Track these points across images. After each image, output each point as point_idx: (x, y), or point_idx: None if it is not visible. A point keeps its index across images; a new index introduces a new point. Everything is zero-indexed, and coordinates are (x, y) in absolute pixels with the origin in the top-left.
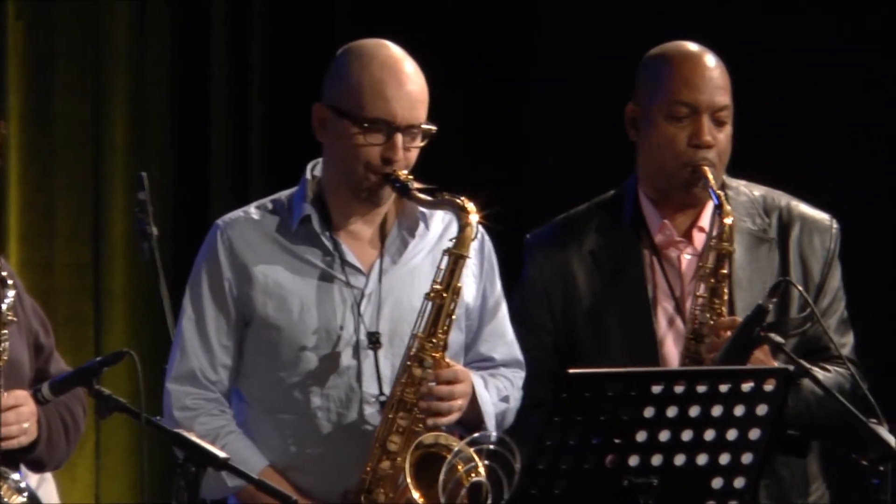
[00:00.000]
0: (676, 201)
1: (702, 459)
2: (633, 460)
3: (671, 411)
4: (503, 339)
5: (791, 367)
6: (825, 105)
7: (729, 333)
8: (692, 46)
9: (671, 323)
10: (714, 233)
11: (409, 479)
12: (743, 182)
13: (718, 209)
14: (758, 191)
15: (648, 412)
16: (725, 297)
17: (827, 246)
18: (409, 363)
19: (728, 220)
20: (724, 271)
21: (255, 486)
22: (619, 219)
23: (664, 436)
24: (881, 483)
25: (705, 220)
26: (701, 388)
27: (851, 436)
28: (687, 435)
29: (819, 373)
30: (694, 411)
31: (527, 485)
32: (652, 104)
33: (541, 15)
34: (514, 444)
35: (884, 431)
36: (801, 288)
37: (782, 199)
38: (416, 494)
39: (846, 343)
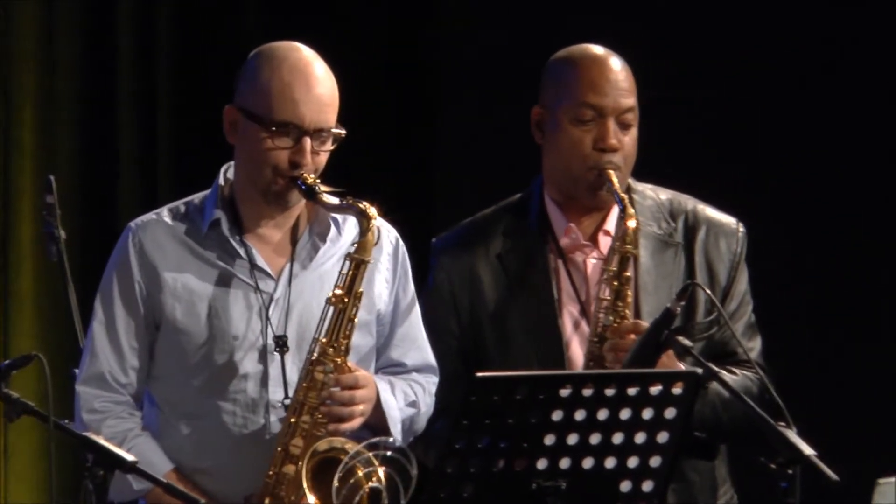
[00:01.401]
0: (582, 205)
1: (610, 463)
2: (542, 464)
3: (579, 415)
4: (415, 344)
5: (699, 371)
6: (732, 108)
7: (632, 336)
8: (597, 49)
9: (577, 326)
10: (618, 236)
11: (305, 484)
12: (649, 186)
13: (622, 212)
14: (664, 195)
15: (557, 415)
16: (629, 300)
17: (733, 249)
18: (310, 367)
19: (631, 224)
20: (628, 274)
21: (162, 488)
22: (525, 222)
23: (572, 439)
24: (789, 486)
25: (611, 223)
26: (609, 392)
27: (759, 439)
28: (595, 438)
29: (726, 376)
30: (602, 415)
31: (435, 488)
32: (557, 107)
33: (447, 19)
34: (421, 447)
35: (792, 435)
36: (708, 291)
37: (689, 202)
38: (312, 498)
39: (754, 347)
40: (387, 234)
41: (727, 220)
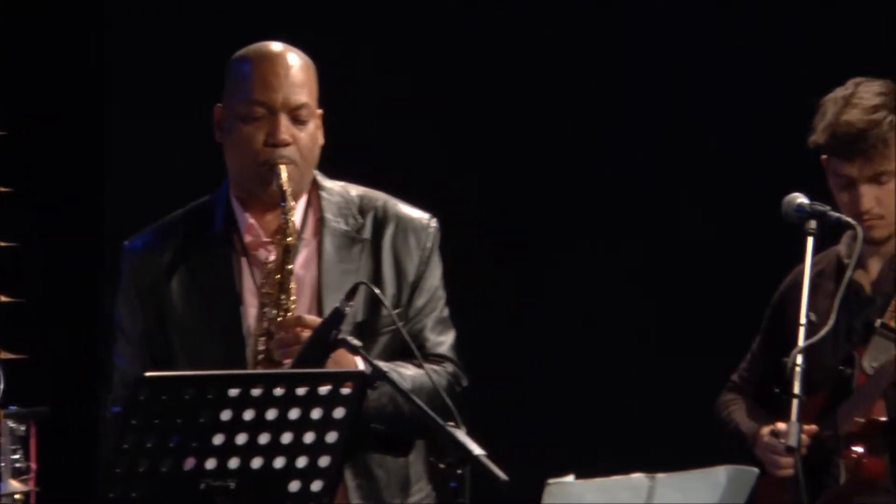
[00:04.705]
0: (261, 201)
1: (279, 462)
2: (210, 463)
3: (248, 414)
4: None
5: (367, 371)
6: (429, 103)
7: (298, 330)
8: (274, 46)
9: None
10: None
11: None
12: (342, 183)
13: (283, 205)
14: (355, 191)
15: (226, 415)
16: (293, 294)
17: (423, 245)
18: None
19: (292, 217)
20: (290, 266)
21: None
22: (211, 223)
23: (241, 439)
24: (459, 486)
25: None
26: (278, 392)
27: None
28: (264, 438)
29: (403, 371)
30: (271, 414)
31: (104, 489)
32: (232, 105)
33: (124, 18)
34: None
35: (461, 434)
36: (378, 290)
37: (380, 199)
38: None
39: (445, 341)
40: None
41: (419, 215)
